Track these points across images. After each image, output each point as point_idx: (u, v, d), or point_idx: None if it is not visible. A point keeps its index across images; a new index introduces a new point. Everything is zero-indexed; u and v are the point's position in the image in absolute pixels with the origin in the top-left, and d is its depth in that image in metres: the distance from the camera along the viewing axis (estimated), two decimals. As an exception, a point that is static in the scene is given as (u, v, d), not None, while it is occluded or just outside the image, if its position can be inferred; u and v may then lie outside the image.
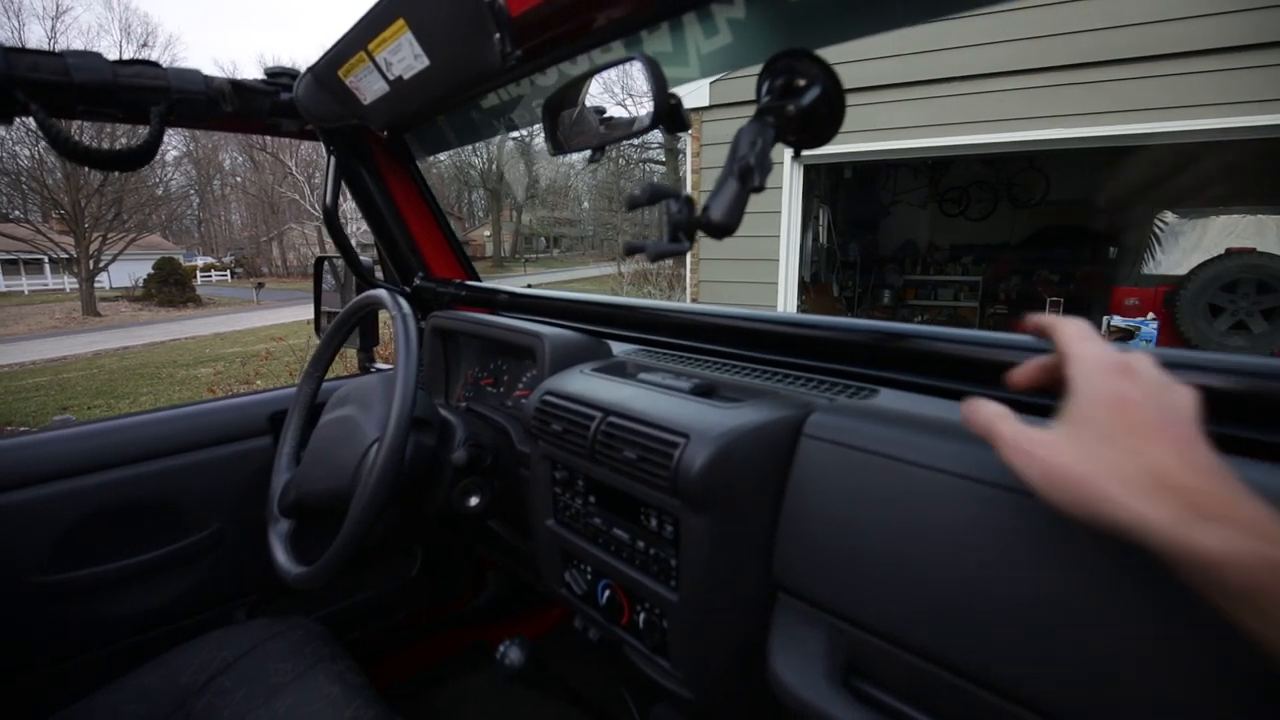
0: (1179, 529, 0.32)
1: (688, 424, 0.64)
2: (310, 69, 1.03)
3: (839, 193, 7.83)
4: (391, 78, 0.91)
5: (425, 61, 0.83)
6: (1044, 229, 7.75)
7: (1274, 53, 3.73)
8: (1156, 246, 5.58)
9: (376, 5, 0.81)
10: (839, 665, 0.59)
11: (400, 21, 0.80)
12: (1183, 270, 5.28)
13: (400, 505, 0.95)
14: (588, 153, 0.71)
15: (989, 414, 0.43)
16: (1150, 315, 5.36)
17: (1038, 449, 0.39)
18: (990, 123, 4.61)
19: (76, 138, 0.88)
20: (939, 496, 0.53)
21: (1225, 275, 5.04)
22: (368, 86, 0.98)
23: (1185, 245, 5.49)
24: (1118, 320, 5.39)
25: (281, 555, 0.93)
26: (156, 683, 0.95)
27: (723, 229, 0.53)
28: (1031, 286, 7.46)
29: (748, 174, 0.53)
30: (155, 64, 0.95)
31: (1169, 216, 5.53)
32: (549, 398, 0.81)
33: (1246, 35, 3.76)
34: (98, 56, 0.90)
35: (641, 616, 0.73)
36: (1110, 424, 0.37)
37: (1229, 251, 5.16)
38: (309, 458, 0.96)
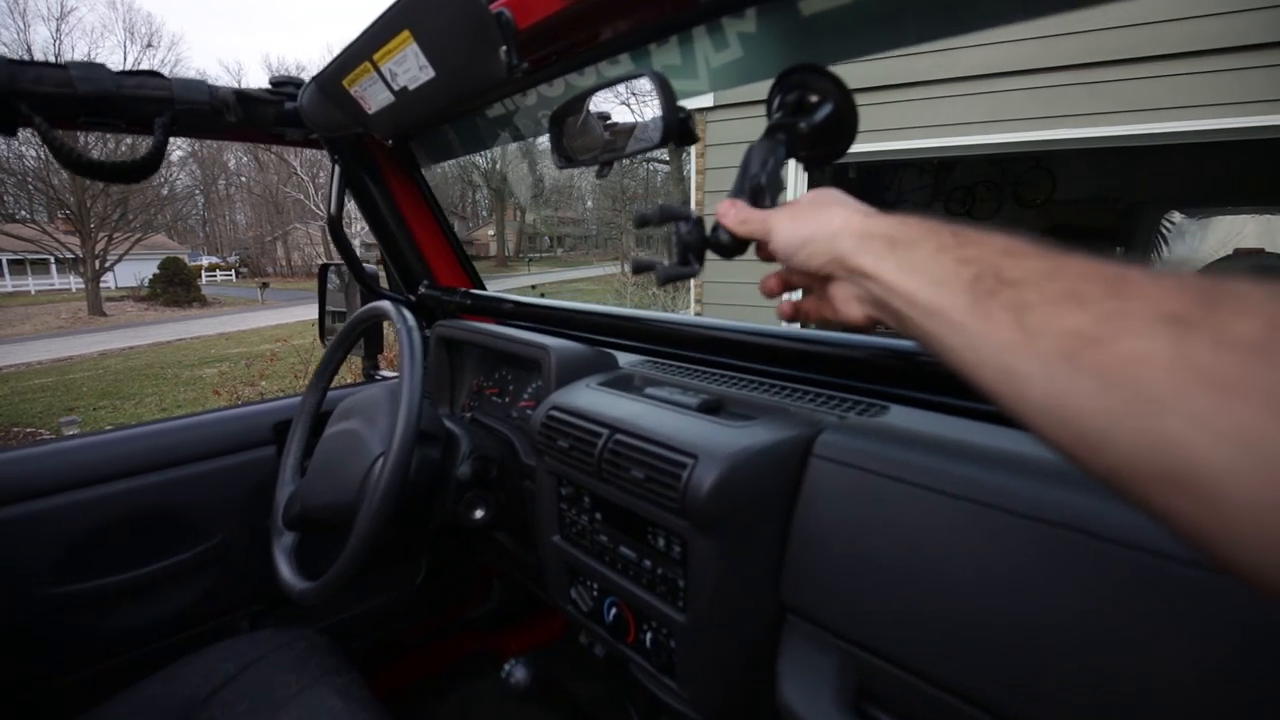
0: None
1: (696, 443, 0.63)
2: (315, 79, 1.02)
3: (843, 192, 7.80)
4: (396, 88, 0.90)
5: (431, 73, 0.82)
6: (1050, 229, 7.68)
7: (1283, 52, 3.70)
8: (1164, 247, 5.55)
9: (382, 16, 0.80)
10: (850, 691, 0.58)
11: (406, 33, 0.79)
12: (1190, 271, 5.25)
13: (405, 517, 0.95)
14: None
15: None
16: (1157, 316, 5.33)
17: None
18: (995, 123, 4.58)
19: (81, 149, 0.88)
20: (948, 521, 0.52)
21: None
22: (373, 96, 0.97)
23: (1192, 245, 5.45)
24: (1124, 321, 5.35)
25: (285, 569, 0.92)
26: (160, 695, 0.95)
27: (733, 249, 0.52)
28: (1037, 287, 7.41)
29: (759, 193, 0.52)
30: (159, 74, 0.95)
31: (1176, 216, 5.50)
32: (555, 413, 0.80)
33: (1256, 34, 3.73)
34: (101, 68, 0.89)
35: (648, 636, 0.72)
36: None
37: (1237, 252, 5.12)
38: (314, 471, 0.96)
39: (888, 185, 8.38)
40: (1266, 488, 0.20)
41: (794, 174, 5.35)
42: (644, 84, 0.59)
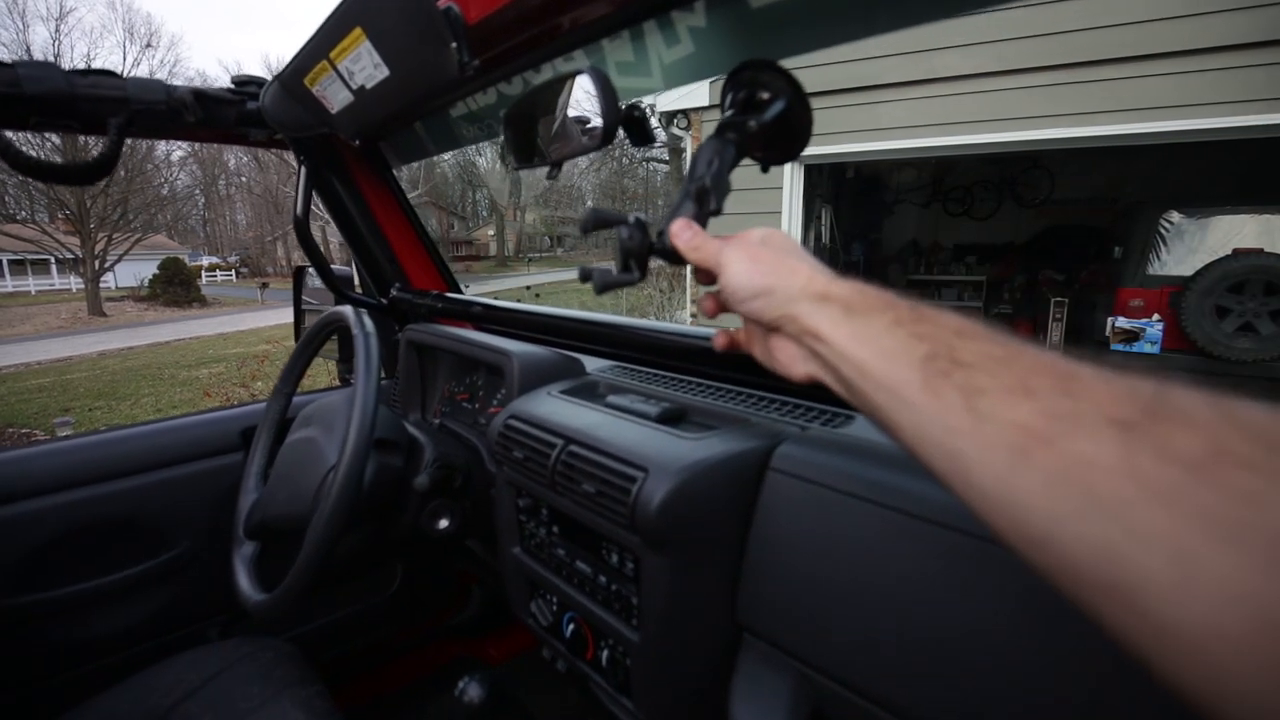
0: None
1: (648, 456, 0.61)
2: (277, 77, 1.00)
3: (841, 192, 7.76)
4: (354, 87, 0.88)
5: (385, 71, 0.80)
6: (1049, 228, 7.66)
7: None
8: (1162, 246, 5.50)
9: (334, 13, 0.78)
10: (805, 715, 0.56)
11: (358, 30, 0.77)
12: (1189, 271, 5.21)
13: (368, 526, 0.93)
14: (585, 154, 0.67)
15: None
16: (1155, 316, 5.29)
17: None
18: (993, 122, 4.55)
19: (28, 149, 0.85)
20: (903, 540, 0.49)
21: (1232, 276, 4.97)
22: (333, 95, 0.94)
23: (1191, 245, 5.41)
24: (1122, 322, 5.31)
25: (244, 580, 0.90)
26: (122, 707, 0.92)
27: (678, 254, 0.49)
28: (1036, 286, 7.38)
29: (703, 196, 0.50)
30: (114, 74, 0.92)
31: (1175, 216, 5.45)
32: (513, 421, 0.78)
33: (1254, 33, 3.69)
34: (52, 67, 0.87)
35: (605, 653, 0.69)
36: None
37: (1236, 252, 5.08)
38: (273, 479, 0.94)
39: (886, 185, 8.34)
40: (1198, 608, 0.19)
41: (789, 171, 5.32)
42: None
